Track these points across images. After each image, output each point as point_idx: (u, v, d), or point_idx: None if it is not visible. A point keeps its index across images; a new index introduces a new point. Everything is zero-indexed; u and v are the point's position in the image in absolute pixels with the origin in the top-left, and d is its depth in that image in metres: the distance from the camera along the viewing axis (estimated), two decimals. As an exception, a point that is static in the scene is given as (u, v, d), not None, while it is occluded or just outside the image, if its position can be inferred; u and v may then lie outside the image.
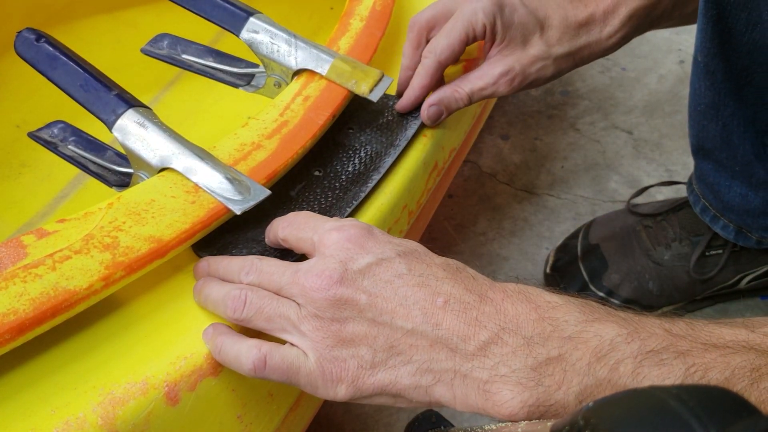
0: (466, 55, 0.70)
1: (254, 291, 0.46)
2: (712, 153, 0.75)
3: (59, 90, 0.57)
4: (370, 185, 0.59)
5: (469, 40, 0.62)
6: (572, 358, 0.39)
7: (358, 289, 0.43)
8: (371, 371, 0.42)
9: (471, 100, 0.63)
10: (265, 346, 0.44)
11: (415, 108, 0.64)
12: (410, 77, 0.64)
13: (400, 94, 0.65)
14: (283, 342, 0.45)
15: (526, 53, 0.63)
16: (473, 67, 0.65)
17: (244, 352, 0.44)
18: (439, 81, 0.65)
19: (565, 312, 0.41)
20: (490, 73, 0.63)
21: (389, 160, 0.60)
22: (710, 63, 0.68)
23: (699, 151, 0.77)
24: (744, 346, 0.39)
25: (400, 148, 0.61)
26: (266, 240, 0.53)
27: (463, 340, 0.41)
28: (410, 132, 0.63)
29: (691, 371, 0.38)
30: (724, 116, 0.70)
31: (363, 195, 0.58)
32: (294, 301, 0.44)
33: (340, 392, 0.43)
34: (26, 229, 0.82)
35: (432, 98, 0.63)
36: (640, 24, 0.66)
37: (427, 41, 0.65)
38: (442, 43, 0.61)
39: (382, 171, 0.60)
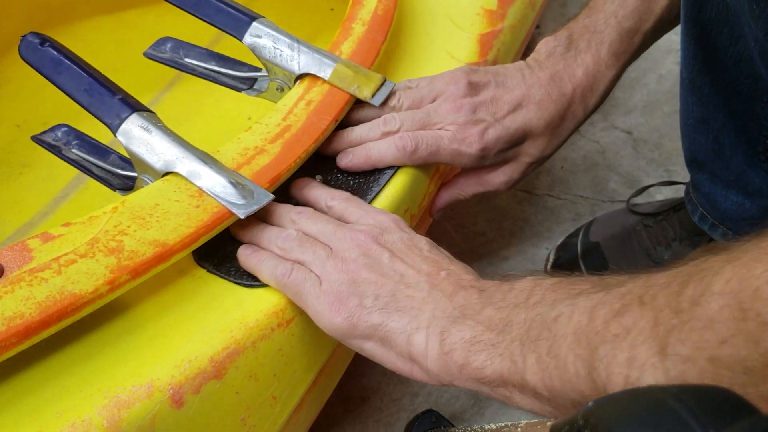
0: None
1: (301, 234, 0.54)
2: (706, 165, 0.75)
3: (61, 92, 0.58)
4: (370, 197, 0.59)
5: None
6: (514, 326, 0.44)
7: (386, 248, 0.51)
8: (368, 311, 0.48)
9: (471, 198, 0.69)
10: (296, 265, 0.51)
11: None
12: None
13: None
14: None
15: (522, 163, 0.67)
16: None
17: (281, 264, 0.51)
18: None
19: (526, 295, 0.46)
20: (492, 182, 0.67)
21: (390, 172, 0.61)
22: (696, 79, 0.68)
23: (692, 162, 0.77)
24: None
25: None
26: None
27: (448, 302, 0.47)
28: None
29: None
30: (715, 129, 0.70)
31: None
32: (328, 246, 0.52)
33: (336, 322, 0.49)
34: (27, 229, 0.82)
35: (440, 203, 0.69)
36: (621, 74, 0.70)
37: None
38: (388, 158, 0.61)
39: (382, 183, 0.60)
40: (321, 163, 0.61)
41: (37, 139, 0.64)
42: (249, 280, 0.53)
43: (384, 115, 0.62)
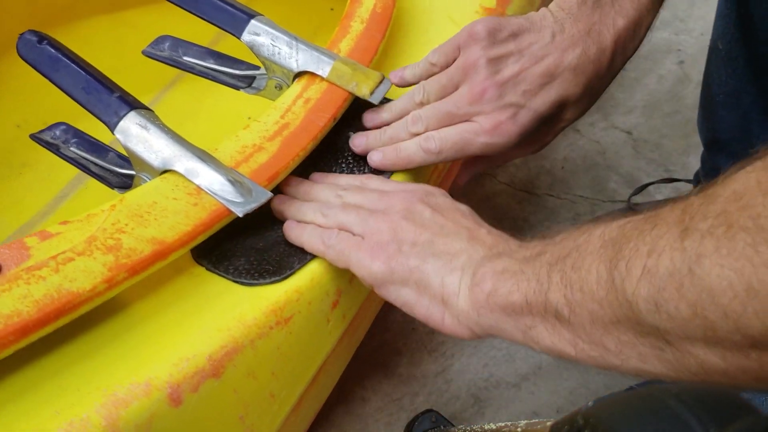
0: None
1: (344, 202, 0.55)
2: (729, 144, 0.73)
3: (59, 90, 0.58)
4: None
5: None
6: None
7: (428, 205, 0.52)
8: (406, 255, 0.49)
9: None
10: (340, 231, 0.53)
11: None
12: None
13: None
14: None
15: (556, 129, 0.64)
16: None
17: (325, 231, 0.53)
18: None
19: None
20: (524, 151, 0.65)
21: (388, 172, 0.61)
22: (733, 49, 0.67)
23: (713, 144, 0.75)
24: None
25: None
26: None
27: (487, 250, 0.48)
28: None
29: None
30: (745, 104, 0.69)
31: None
32: (374, 210, 0.53)
33: (375, 267, 0.50)
34: (27, 229, 0.82)
35: (465, 177, 0.67)
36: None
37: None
38: (417, 160, 0.60)
39: None
40: (318, 161, 0.61)
41: (36, 138, 0.64)
42: (247, 278, 0.52)
43: (412, 113, 0.60)
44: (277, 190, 0.56)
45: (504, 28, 0.58)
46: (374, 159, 0.61)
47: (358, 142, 0.62)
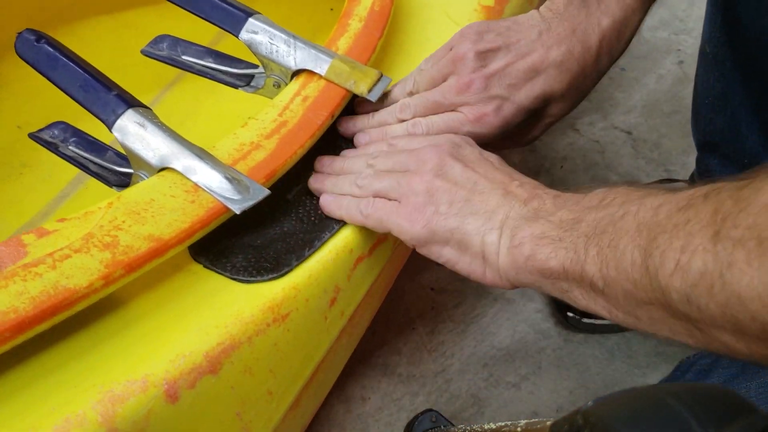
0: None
1: (377, 170, 0.57)
2: (719, 147, 0.74)
3: (60, 91, 0.58)
4: None
5: None
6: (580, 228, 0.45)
7: (459, 160, 0.53)
8: (445, 216, 0.51)
9: None
10: (376, 198, 0.55)
11: None
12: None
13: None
14: None
15: (543, 123, 0.64)
16: None
17: (362, 200, 0.55)
18: None
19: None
20: (512, 142, 0.66)
21: None
22: (719, 53, 0.67)
23: (705, 146, 0.76)
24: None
25: None
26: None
27: (522, 205, 0.49)
28: None
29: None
30: (733, 105, 0.70)
31: None
32: (406, 171, 0.54)
33: (416, 230, 0.52)
34: (27, 229, 0.82)
35: None
36: (645, 17, 0.64)
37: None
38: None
39: None
40: (315, 159, 0.61)
41: (34, 137, 0.64)
42: (245, 275, 0.52)
43: (401, 101, 0.62)
44: (275, 188, 0.56)
45: (492, 29, 0.61)
46: (360, 141, 0.62)
47: (345, 125, 0.63)
